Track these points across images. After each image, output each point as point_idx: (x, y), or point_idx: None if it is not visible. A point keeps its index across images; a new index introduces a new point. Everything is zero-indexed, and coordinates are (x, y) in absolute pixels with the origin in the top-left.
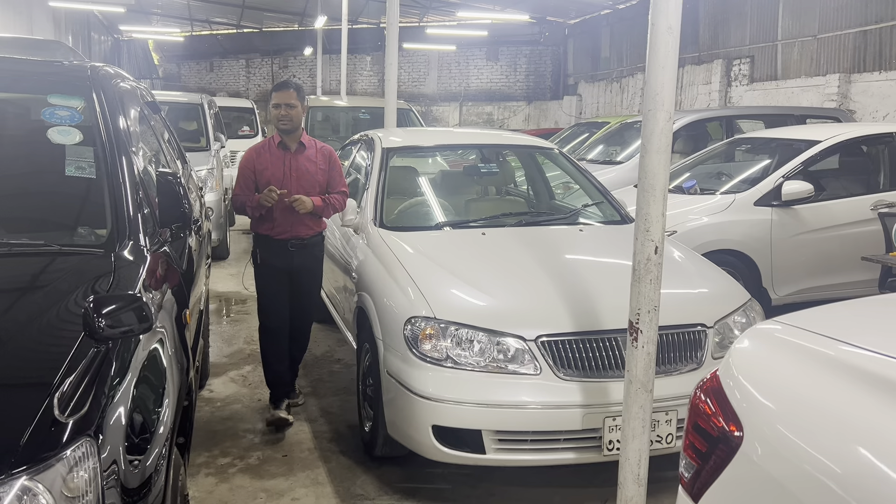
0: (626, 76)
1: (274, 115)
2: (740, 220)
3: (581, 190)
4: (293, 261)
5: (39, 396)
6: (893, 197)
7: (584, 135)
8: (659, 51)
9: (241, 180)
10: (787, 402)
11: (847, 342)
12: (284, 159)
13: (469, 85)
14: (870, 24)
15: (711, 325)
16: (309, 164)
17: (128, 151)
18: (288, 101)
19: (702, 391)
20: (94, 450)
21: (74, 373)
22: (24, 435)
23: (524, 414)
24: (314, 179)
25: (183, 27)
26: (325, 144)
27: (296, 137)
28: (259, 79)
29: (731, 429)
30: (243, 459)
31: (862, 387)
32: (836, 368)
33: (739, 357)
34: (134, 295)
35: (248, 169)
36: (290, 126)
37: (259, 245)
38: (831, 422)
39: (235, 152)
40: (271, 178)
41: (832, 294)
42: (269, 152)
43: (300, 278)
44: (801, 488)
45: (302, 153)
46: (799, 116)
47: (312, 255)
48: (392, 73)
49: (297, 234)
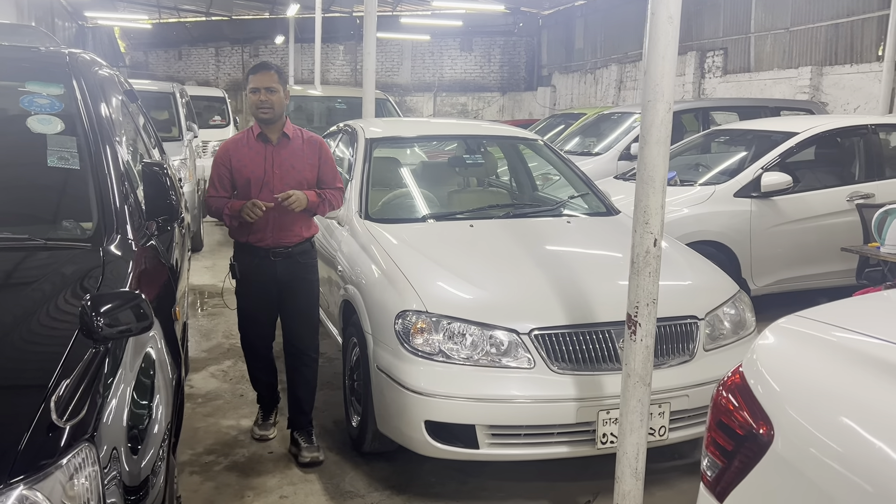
0: (600, 67)
1: (252, 102)
2: (720, 212)
3: (561, 181)
4: (277, 273)
5: (35, 400)
6: (869, 188)
7: (561, 126)
8: (659, 41)
9: (215, 179)
10: (820, 399)
11: (875, 337)
12: (265, 154)
13: (443, 75)
14: (841, 17)
15: (703, 317)
16: (294, 158)
17: (112, 141)
18: (268, 83)
19: (725, 388)
20: (93, 455)
21: (69, 374)
22: (22, 441)
23: (518, 408)
24: (301, 177)
25: (150, 14)
26: (312, 134)
27: (278, 128)
28: (229, 67)
29: (760, 427)
30: (228, 457)
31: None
32: (868, 364)
33: (765, 354)
34: (132, 292)
35: (223, 166)
36: (272, 114)
37: (238, 256)
38: (869, 420)
39: (207, 142)
40: (251, 175)
41: (810, 284)
42: (248, 146)
43: (290, 294)
44: (836, 488)
45: (286, 146)
46: (773, 108)
47: (301, 266)
48: (370, 62)
49: (280, 241)
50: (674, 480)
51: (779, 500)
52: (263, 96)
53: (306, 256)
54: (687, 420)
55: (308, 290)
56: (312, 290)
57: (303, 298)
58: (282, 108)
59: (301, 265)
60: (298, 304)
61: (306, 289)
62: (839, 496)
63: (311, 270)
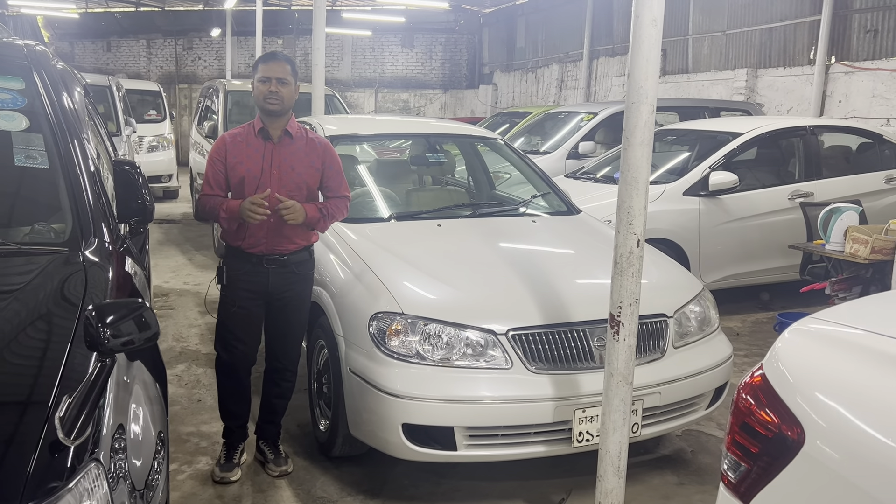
0: (541, 66)
1: (260, 92)
2: (670, 210)
3: (514, 179)
4: (269, 282)
5: (38, 418)
6: (808, 187)
7: (505, 125)
8: (643, 43)
9: (209, 177)
10: (854, 400)
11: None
12: (265, 151)
13: (384, 71)
14: (775, 21)
15: (671, 315)
16: (295, 159)
17: (80, 138)
18: (281, 74)
19: (745, 391)
20: (102, 475)
21: (70, 389)
22: (30, 463)
23: (496, 409)
24: (300, 180)
25: (77, 3)
26: (320, 136)
27: (282, 124)
28: (161, 60)
29: (788, 429)
30: (191, 465)
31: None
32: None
33: (787, 356)
34: (136, 301)
35: (218, 162)
36: (280, 107)
37: (228, 260)
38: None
39: (143, 137)
40: (246, 174)
41: (755, 280)
42: (246, 142)
43: (281, 306)
44: (880, 488)
45: (288, 145)
46: (713, 109)
47: (296, 276)
48: (319, 57)
49: (275, 248)
50: (644, 476)
51: (815, 501)
52: (274, 87)
53: (303, 267)
54: (659, 416)
55: (300, 306)
56: (304, 306)
57: (293, 313)
58: (291, 102)
59: (296, 276)
60: (289, 318)
61: (297, 304)
62: (884, 496)
63: (306, 282)
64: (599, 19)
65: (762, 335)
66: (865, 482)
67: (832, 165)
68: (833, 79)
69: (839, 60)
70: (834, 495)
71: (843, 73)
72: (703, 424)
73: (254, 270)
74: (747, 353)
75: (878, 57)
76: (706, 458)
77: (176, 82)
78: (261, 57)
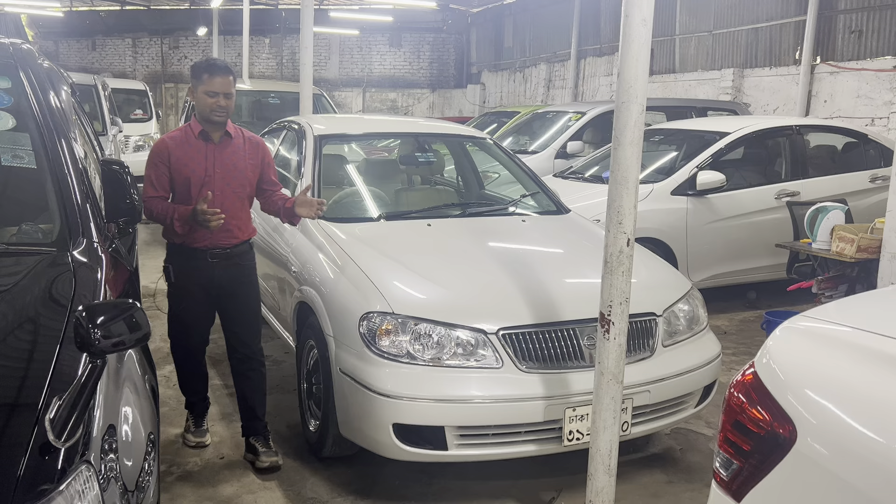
0: (529, 66)
1: (207, 105)
2: (658, 209)
3: (502, 179)
4: (216, 276)
5: (28, 420)
6: (795, 186)
7: (493, 124)
8: (633, 43)
9: (152, 178)
10: (846, 397)
11: (886, 334)
12: (207, 152)
13: (372, 71)
14: (761, 21)
15: (660, 314)
16: (236, 158)
17: (68, 137)
18: (227, 89)
19: (737, 389)
20: (93, 476)
21: (60, 390)
22: (21, 465)
23: (487, 408)
24: (243, 177)
25: (62, 1)
26: (253, 134)
27: (221, 126)
28: (147, 59)
29: (781, 427)
30: (181, 466)
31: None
32: (887, 361)
33: (778, 354)
34: (128, 302)
35: (161, 164)
36: (225, 118)
37: (172, 258)
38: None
39: (129, 137)
40: (191, 175)
41: (742, 278)
42: (188, 143)
43: (231, 298)
44: (871, 485)
45: (228, 145)
46: (700, 109)
47: (240, 268)
48: (307, 56)
49: (218, 242)
50: (633, 474)
51: (807, 500)
52: (222, 101)
53: (245, 258)
54: (648, 415)
55: (249, 293)
56: (253, 293)
57: (245, 302)
58: (232, 110)
59: (241, 267)
60: (241, 308)
61: (247, 292)
62: (879, 495)
63: (251, 272)
64: (587, 19)
65: (749, 333)
66: (857, 479)
67: (818, 165)
68: (818, 79)
69: (824, 60)
70: (826, 492)
71: (828, 73)
72: (691, 423)
73: (199, 265)
74: (735, 351)
75: (862, 57)
76: (695, 456)
77: (162, 81)
78: (205, 66)
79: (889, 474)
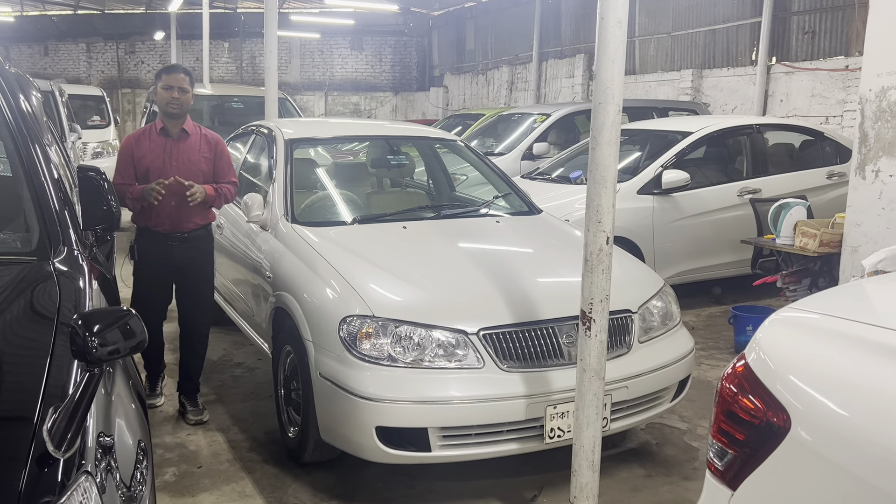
0: (491, 69)
1: (163, 98)
2: (625, 208)
3: (471, 180)
4: (174, 256)
5: (26, 430)
6: (756, 184)
7: (458, 127)
8: (609, 45)
9: (120, 168)
10: (838, 385)
11: (873, 323)
12: (165, 146)
13: (334, 74)
14: (718, 23)
15: (636, 311)
16: (191, 152)
17: (42, 143)
18: (182, 84)
19: (728, 380)
20: (92, 486)
21: (56, 400)
22: (21, 477)
23: (470, 408)
24: (196, 168)
25: (12, 6)
26: (211, 132)
27: (180, 124)
28: (102, 64)
29: (774, 416)
30: (158, 477)
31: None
32: (875, 350)
33: (769, 345)
34: (122, 309)
35: (126, 156)
36: (180, 111)
37: (139, 239)
38: (889, 402)
39: (87, 144)
40: (150, 165)
41: (708, 275)
42: (149, 139)
43: (186, 276)
44: (865, 470)
45: (184, 140)
46: (662, 109)
47: (197, 250)
48: (272, 60)
49: (178, 227)
50: (612, 469)
51: (801, 485)
52: (176, 94)
53: (202, 242)
54: (626, 411)
55: (202, 275)
56: (207, 274)
57: (197, 281)
58: (188, 106)
59: (197, 250)
60: (193, 286)
61: (200, 273)
62: (873, 478)
63: (206, 256)
64: (548, 22)
65: (717, 328)
66: (851, 465)
67: (777, 162)
68: (774, 79)
69: (780, 61)
70: (820, 478)
71: (783, 73)
72: (665, 417)
73: (160, 246)
74: (703, 346)
75: (816, 57)
76: (671, 449)
77: (118, 87)
78: (164, 68)
79: (881, 458)
